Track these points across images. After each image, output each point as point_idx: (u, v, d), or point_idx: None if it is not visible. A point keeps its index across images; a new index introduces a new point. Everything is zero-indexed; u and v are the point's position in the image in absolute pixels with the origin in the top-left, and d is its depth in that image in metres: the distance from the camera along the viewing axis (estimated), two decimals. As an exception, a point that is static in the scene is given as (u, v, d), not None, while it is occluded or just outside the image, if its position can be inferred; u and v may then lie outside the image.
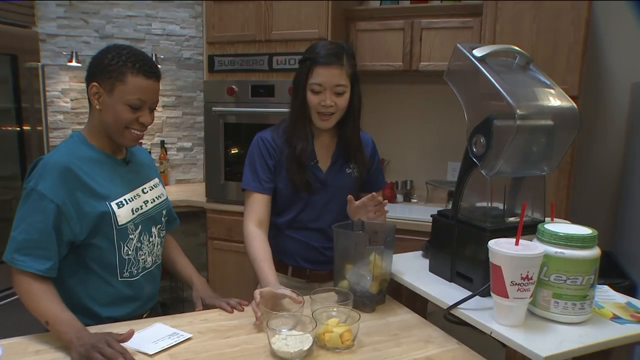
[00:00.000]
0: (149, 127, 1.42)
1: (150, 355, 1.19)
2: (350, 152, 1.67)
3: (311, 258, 1.69)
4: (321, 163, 1.66)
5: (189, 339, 1.28)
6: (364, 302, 1.44)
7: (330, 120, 1.59)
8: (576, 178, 2.90)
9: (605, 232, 2.88)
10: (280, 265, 1.70)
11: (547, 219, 1.42)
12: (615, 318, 1.27)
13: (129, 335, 1.20)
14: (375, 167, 1.76)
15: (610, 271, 2.63)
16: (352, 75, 1.57)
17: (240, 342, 1.27)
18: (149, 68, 1.34)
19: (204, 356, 1.20)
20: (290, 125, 1.63)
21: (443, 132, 3.20)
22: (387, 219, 1.63)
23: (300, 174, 1.60)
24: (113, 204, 1.35)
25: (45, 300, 1.26)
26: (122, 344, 1.18)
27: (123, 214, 1.37)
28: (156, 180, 1.56)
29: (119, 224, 1.36)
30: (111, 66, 1.31)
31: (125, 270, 1.40)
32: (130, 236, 1.40)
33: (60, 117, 3.30)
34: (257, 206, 1.63)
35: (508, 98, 1.26)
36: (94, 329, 1.26)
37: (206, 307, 1.50)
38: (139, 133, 1.38)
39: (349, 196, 1.55)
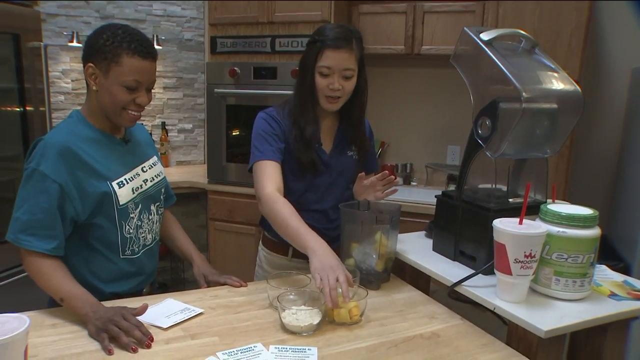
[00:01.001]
0: (150, 108, 1.43)
1: (164, 329, 1.23)
2: (354, 135, 1.69)
3: None
4: (324, 145, 1.68)
5: (200, 314, 1.31)
6: (370, 280, 1.48)
7: (338, 103, 1.60)
8: (574, 162, 2.94)
9: (602, 215, 2.89)
10: (281, 246, 1.73)
11: (549, 201, 1.46)
12: (612, 295, 1.31)
13: (143, 309, 1.23)
14: (371, 150, 1.79)
15: (606, 254, 2.68)
16: (360, 60, 1.58)
17: (251, 317, 1.30)
18: (144, 48, 1.32)
19: (216, 330, 1.23)
20: (297, 107, 1.62)
21: (443, 115, 3.23)
22: (387, 202, 1.65)
23: (308, 155, 1.61)
24: (114, 184, 1.37)
25: (57, 277, 1.28)
26: (136, 317, 1.21)
27: (124, 193, 1.39)
28: (155, 158, 1.57)
29: (120, 203, 1.38)
30: (106, 47, 1.30)
31: (127, 249, 1.43)
32: (131, 215, 1.42)
33: (62, 97, 3.30)
34: (274, 172, 1.55)
35: (514, 81, 1.28)
36: (108, 304, 1.29)
37: (209, 284, 1.53)
38: (136, 114, 1.37)
39: (360, 173, 1.58)
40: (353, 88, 1.59)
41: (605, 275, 1.46)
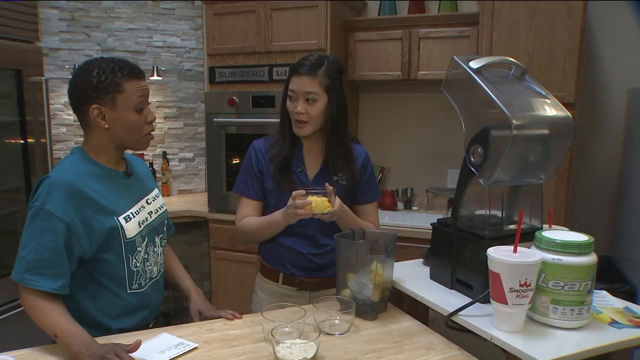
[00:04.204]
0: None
1: (158, 365, 1.21)
2: (338, 161, 1.70)
3: (300, 265, 1.71)
4: (309, 170, 1.71)
5: (195, 348, 1.30)
6: (366, 310, 1.46)
7: (304, 129, 1.64)
8: (575, 184, 2.93)
9: (605, 237, 2.91)
10: (272, 272, 1.76)
11: (545, 226, 1.45)
12: (613, 323, 1.29)
13: (136, 346, 1.21)
14: (366, 179, 1.76)
15: (610, 276, 2.65)
16: (327, 86, 1.62)
17: (246, 351, 1.29)
18: (134, 69, 1.37)
19: (210, 365, 1.22)
20: (278, 130, 1.72)
21: (442, 139, 3.23)
22: (388, 227, 1.65)
23: (283, 177, 1.66)
24: (121, 218, 1.37)
25: (52, 314, 1.27)
26: (129, 354, 1.20)
27: (131, 227, 1.39)
28: (156, 190, 1.58)
29: (127, 237, 1.38)
30: (103, 82, 1.32)
31: (134, 282, 1.42)
32: (138, 248, 1.42)
33: (64, 129, 3.34)
34: (247, 209, 1.74)
35: (504, 109, 1.29)
36: (102, 340, 1.28)
37: (204, 319, 1.52)
38: (152, 132, 1.43)
39: (326, 184, 1.58)
40: (319, 113, 1.63)
41: (606, 301, 1.44)
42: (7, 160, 2.63)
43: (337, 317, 1.42)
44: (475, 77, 1.38)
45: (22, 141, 2.62)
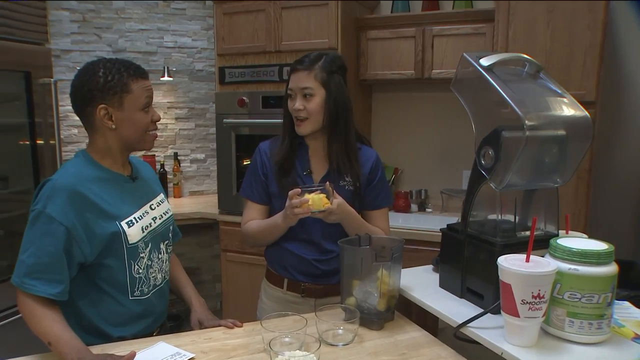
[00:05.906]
0: (162, 139, 1.45)
1: (152, 377, 1.17)
2: (345, 163, 1.62)
3: (305, 271, 1.66)
4: (315, 174, 1.66)
5: (191, 359, 1.25)
6: (372, 320, 1.40)
7: (304, 126, 1.59)
8: (596, 186, 2.81)
9: (629, 240, 2.78)
10: (276, 278, 1.72)
11: (562, 232, 1.36)
12: (637, 338, 1.20)
13: (130, 357, 1.17)
14: (376, 183, 1.69)
15: (635, 283, 2.53)
16: (324, 80, 1.57)
17: (243, 362, 1.24)
18: (139, 69, 1.37)
19: (206, 377, 1.17)
20: (281, 133, 1.68)
21: (457, 139, 3.14)
22: (401, 230, 1.58)
23: (286, 180, 1.62)
24: (123, 223, 1.34)
25: (47, 320, 1.25)
26: (123, 365, 1.16)
27: (133, 233, 1.36)
28: (162, 195, 1.55)
29: (130, 243, 1.35)
30: (110, 82, 1.30)
31: (136, 289, 1.38)
32: (141, 255, 1.38)
33: (75, 131, 3.34)
34: (252, 213, 1.71)
35: (516, 108, 1.21)
36: (97, 349, 1.25)
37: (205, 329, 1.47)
38: (156, 132, 1.42)
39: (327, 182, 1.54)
40: (318, 108, 1.57)
41: (629, 313, 1.35)
42: (18, 162, 2.64)
43: (341, 327, 1.36)
44: (486, 75, 1.30)
45: (32, 143, 2.62)
